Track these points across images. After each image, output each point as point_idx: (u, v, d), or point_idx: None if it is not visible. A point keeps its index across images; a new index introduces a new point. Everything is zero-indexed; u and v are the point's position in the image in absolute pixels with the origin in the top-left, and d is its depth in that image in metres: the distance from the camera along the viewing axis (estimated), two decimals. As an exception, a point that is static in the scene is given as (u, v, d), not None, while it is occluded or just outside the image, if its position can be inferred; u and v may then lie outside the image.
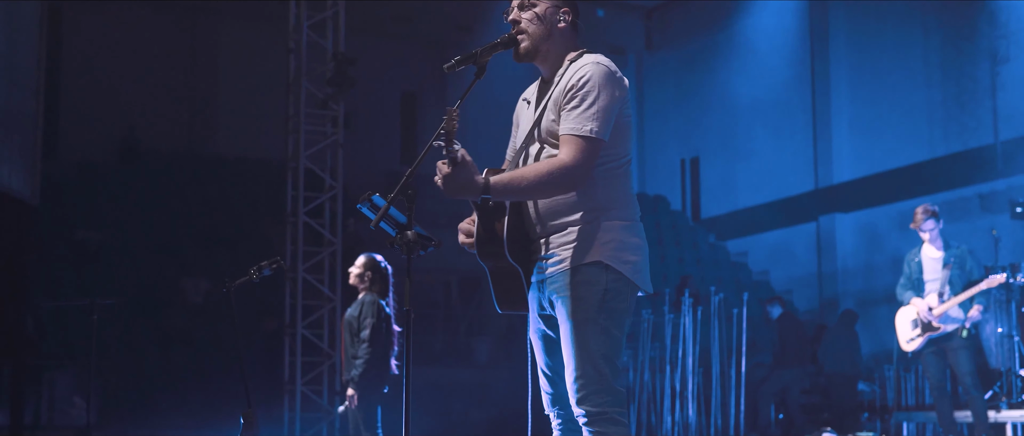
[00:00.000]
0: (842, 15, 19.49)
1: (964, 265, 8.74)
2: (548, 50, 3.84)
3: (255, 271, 6.06)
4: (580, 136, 3.61)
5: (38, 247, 14.89)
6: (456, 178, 3.50)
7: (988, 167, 16.43)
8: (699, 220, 22.54)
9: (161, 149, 19.05)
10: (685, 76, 22.54)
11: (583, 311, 3.63)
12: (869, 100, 18.88)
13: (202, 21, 20.14)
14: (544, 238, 3.74)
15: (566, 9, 3.88)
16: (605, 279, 3.65)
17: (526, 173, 3.61)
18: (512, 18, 3.85)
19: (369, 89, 18.91)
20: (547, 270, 3.72)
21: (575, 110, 3.63)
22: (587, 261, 3.65)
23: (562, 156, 3.62)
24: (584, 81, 3.66)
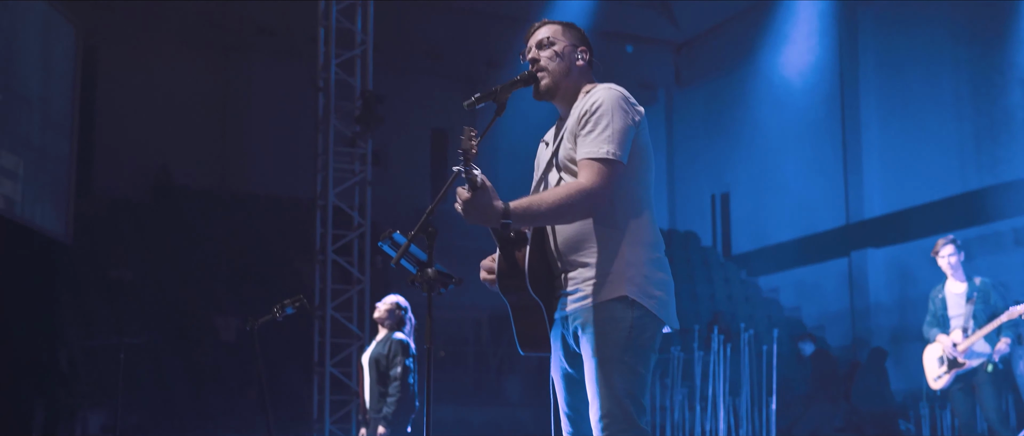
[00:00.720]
0: (871, 47, 19.44)
1: (988, 299, 8.64)
2: (567, 88, 3.85)
3: (278, 309, 6.09)
4: (597, 159, 3.59)
5: (71, 285, 15.03)
6: (476, 203, 3.46)
7: (1022, 200, 16.29)
8: (730, 256, 22.44)
9: (193, 187, 19.21)
10: (715, 111, 22.53)
11: (609, 348, 3.58)
12: (900, 134, 18.79)
13: (234, 60, 20.33)
14: (566, 272, 3.70)
15: (583, 48, 3.92)
16: (631, 315, 3.60)
17: (545, 197, 3.57)
18: (531, 57, 3.87)
19: (399, 126, 19.03)
20: (570, 306, 3.68)
21: (591, 134, 3.62)
22: (612, 297, 3.61)
23: (581, 180, 3.59)
24: (597, 105, 3.65)
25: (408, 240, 3.73)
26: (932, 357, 8.99)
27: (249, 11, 19.10)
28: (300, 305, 6.11)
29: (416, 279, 3.77)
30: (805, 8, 19.54)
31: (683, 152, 23.68)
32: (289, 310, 6.09)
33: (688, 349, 14.18)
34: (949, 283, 8.83)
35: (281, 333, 15.23)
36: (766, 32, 20.23)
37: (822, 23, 19.65)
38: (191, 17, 19.16)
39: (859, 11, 19.62)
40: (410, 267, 3.81)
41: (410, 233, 3.67)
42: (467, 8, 19.86)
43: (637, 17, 22.04)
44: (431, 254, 3.74)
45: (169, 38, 19.14)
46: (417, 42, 20.37)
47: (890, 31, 19.14)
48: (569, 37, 3.90)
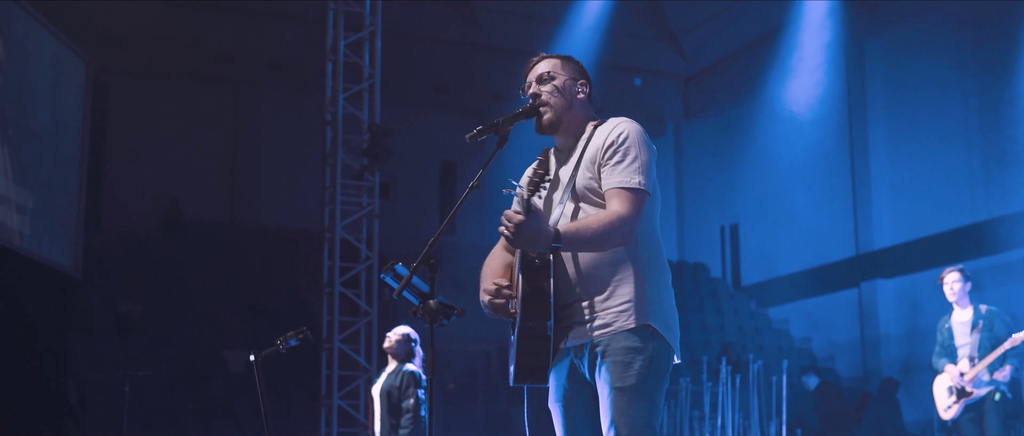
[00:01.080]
0: (879, 79, 19.48)
1: (992, 327, 8.61)
2: (569, 121, 3.88)
3: (281, 341, 6.10)
4: (629, 189, 3.63)
5: (82, 319, 15.07)
6: (530, 226, 3.47)
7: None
8: (740, 287, 22.42)
9: (204, 220, 19.27)
10: (723, 143, 22.56)
11: (630, 377, 3.60)
12: (909, 164, 18.79)
13: (245, 94, 20.44)
14: (583, 301, 3.70)
15: (583, 81, 3.95)
16: (652, 345, 3.65)
17: (590, 223, 3.58)
18: (532, 92, 3.89)
19: (409, 159, 19.10)
20: (589, 334, 3.68)
21: (620, 164, 3.66)
22: (636, 325, 3.64)
23: (616, 208, 3.62)
24: (624, 137, 3.70)
25: (410, 272, 3.75)
26: (942, 387, 8.97)
27: (260, 46, 19.24)
28: (303, 337, 6.13)
29: (418, 310, 3.78)
30: (812, 40, 19.59)
31: (692, 184, 23.69)
32: (293, 342, 6.10)
33: (697, 380, 14.15)
34: (955, 312, 8.82)
35: (289, 365, 15.29)
36: (774, 64, 20.27)
37: (829, 54, 19.69)
38: (202, 53, 19.30)
39: (867, 42, 19.66)
40: (412, 298, 3.82)
41: (412, 265, 3.68)
42: (474, 43, 19.97)
43: (645, 50, 22.12)
44: (433, 285, 3.75)
45: (180, 73, 19.28)
46: (425, 76, 20.47)
47: (898, 62, 19.17)
48: (568, 71, 3.94)
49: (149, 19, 18.18)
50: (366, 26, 12.60)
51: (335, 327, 11.94)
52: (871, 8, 19.46)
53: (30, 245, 11.42)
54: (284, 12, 18.37)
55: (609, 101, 22.02)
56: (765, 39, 20.32)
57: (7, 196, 10.85)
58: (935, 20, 18.29)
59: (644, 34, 21.74)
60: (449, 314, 3.79)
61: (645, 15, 21.22)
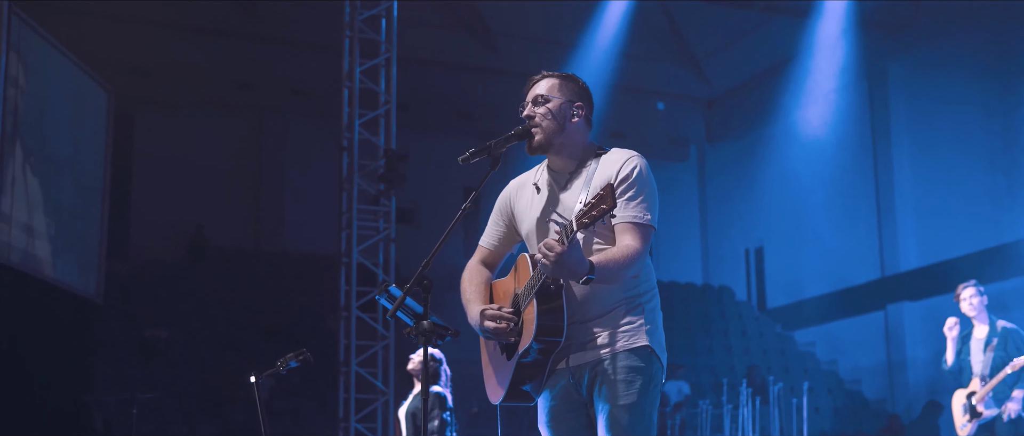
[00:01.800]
0: (902, 101, 19.43)
1: (1006, 346, 8.51)
2: (561, 143, 3.91)
3: (282, 363, 6.16)
4: (642, 224, 3.73)
5: (106, 344, 15.21)
6: (569, 257, 3.52)
7: (1059, 252, 16.15)
8: (765, 310, 22.34)
9: (228, 246, 19.42)
10: (747, 165, 22.52)
11: (630, 396, 3.69)
12: (933, 186, 18.71)
13: (267, 121, 20.62)
14: (588, 322, 3.77)
15: (580, 104, 3.96)
16: (652, 365, 3.75)
17: (616, 257, 3.68)
18: (526, 113, 3.94)
19: (432, 185, 19.20)
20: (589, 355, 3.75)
21: (633, 201, 3.75)
22: (636, 346, 3.74)
23: (631, 243, 3.71)
24: (637, 172, 3.79)
25: (403, 293, 3.80)
26: (957, 405, 8.89)
27: (282, 74, 19.41)
28: (303, 359, 6.18)
29: (412, 331, 3.83)
30: (834, 62, 19.56)
31: (716, 207, 23.66)
32: (293, 364, 6.15)
33: (718, 403, 14.11)
34: (975, 328, 8.74)
35: (307, 389, 15.36)
36: (796, 86, 20.26)
37: (852, 77, 19.66)
38: (225, 81, 19.52)
39: (889, 65, 19.63)
40: (407, 319, 3.87)
41: (406, 286, 3.73)
42: (493, 68, 20.08)
43: (668, 74, 22.16)
44: (427, 306, 3.79)
45: (204, 101, 19.48)
46: (446, 102, 20.61)
47: (920, 84, 19.13)
48: (565, 92, 3.96)
49: (173, 49, 18.43)
50: (381, 53, 12.71)
51: (352, 351, 11.99)
52: (893, 31, 19.44)
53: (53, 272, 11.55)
54: (305, 39, 18.56)
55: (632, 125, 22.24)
56: (787, 62, 20.30)
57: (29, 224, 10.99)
58: (957, 42, 18.24)
59: (666, 58, 21.77)
60: (443, 335, 3.85)
61: (666, 39, 21.26)
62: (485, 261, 4.19)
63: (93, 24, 16.95)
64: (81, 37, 15.10)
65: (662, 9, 20.08)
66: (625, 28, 19.16)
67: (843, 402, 18.84)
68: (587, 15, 19.04)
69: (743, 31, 20.37)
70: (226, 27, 18.97)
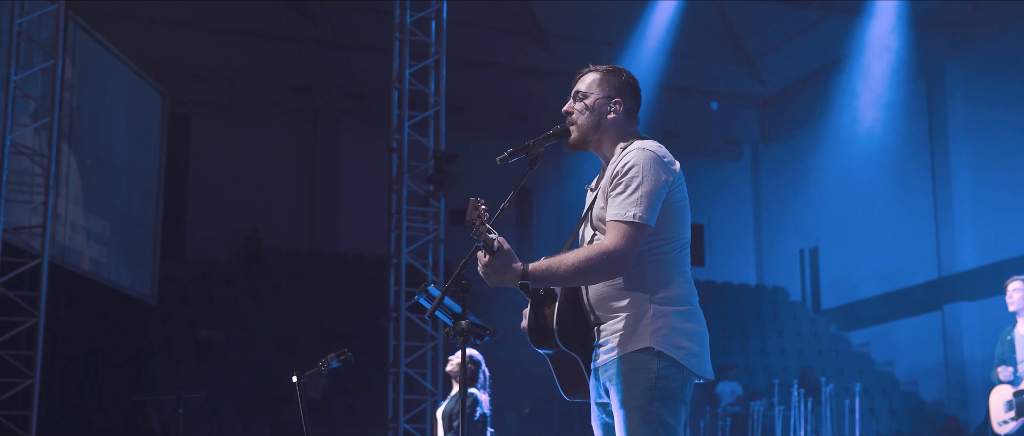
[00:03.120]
0: (960, 97, 19.18)
1: None
2: (599, 140, 3.87)
3: (323, 363, 6.21)
4: (623, 221, 3.61)
5: (163, 346, 15.42)
6: (495, 266, 3.55)
7: (1119, 250, 15.86)
8: (819, 310, 22.14)
9: (283, 248, 19.60)
10: (801, 165, 22.34)
11: (634, 399, 3.61)
12: (992, 184, 18.44)
13: (323, 124, 20.79)
14: (598, 326, 3.75)
15: (618, 100, 3.89)
16: (656, 366, 3.62)
17: (565, 259, 3.62)
18: (565, 109, 3.93)
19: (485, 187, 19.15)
20: (601, 358, 3.72)
21: (620, 196, 3.64)
22: (637, 348, 3.64)
23: (605, 241, 3.63)
24: (628, 167, 3.67)
25: (442, 292, 3.80)
26: (999, 400, 8.65)
27: (336, 77, 19.55)
28: (345, 359, 6.22)
29: (450, 331, 3.83)
30: (890, 60, 19.35)
31: (770, 207, 23.48)
32: (334, 363, 6.20)
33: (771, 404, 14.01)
34: (1019, 324, 8.55)
35: (362, 389, 15.45)
36: (851, 85, 20.07)
37: (908, 75, 19.43)
38: (281, 85, 19.71)
39: (947, 62, 19.38)
40: (446, 319, 3.88)
41: (445, 285, 3.74)
42: (548, 69, 20.09)
43: (722, 73, 22.04)
44: (465, 306, 3.79)
45: (259, 105, 19.69)
46: (501, 104, 20.64)
47: (979, 82, 18.88)
48: (604, 88, 3.91)
49: (228, 53, 18.66)
50: (431, 54, 12.75)
51: (401, 351, 12.02)
52: (951, 28, 19.20)
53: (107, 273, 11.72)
54: (358, 43, 18.66)
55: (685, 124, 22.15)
56: (842, 60, 20.11)
57: (85, 226, 11.17)
58: (1017, 39, 17.99)
59: (719, 57, 21.66)
60: (481, 335, 3.83)
61: (720, 38, 21.15)
62: None
63: (150, 29, 17.21)
64: (138, 42, 15.34)
65: (716, 8, 19.99)
66: (677, 27, 19.09)
67: (899, 404, 18.62)
68: (640, 15, 19.00)
69: (797, 29, 20.19)
70: (281, 31, 19.17)
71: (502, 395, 8.14)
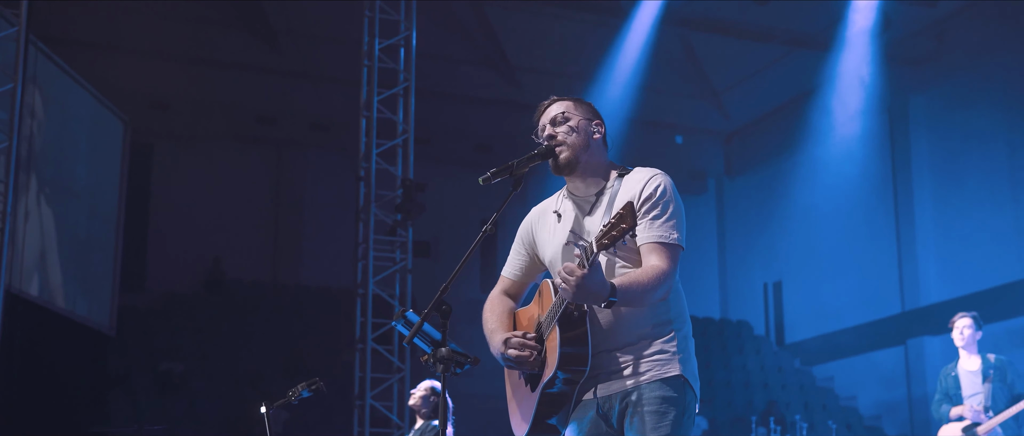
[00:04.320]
0: (924, 134, 19.31)
1: (1005, 377, 8.26)
2: (586, 161, 3.79)
3: (293, 392, 6.05)
4: (670, 244, 3.58)
5: (122, 377, 15.16)
6: (591, 281, 3.37)
7: (1081, 287, 15.97)
8: (783, 344, 22.14)
9: (245, 279, 19.40)
10: (766, 199, 22.39)
11: (664, 426, 3.53)
12: (955, 220, 18.54)
13: (286, 154, 20.65)
14: (617, 351, 3.62)
15: (598, 121, 3.87)
16: (686, 396, 3.60)
17: (640, 278, 3.51)
18: (548, 134, 3.82)
19: (450, 218, 19.14)
20: (619, 385, 3.60)
21: (658, 219, 3.60)
22: (670, 375, 3.58)
23: (658, 263, 3.55)
24: (661, 190, 3.64)
25: (421, 318, 3.67)
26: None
27: (301, 107, 19.44)
28: (316, 388, 6.06)
29: (429, 358, 3.68)
30: (854, 96, 19.44)
31: (734, 241, 23.51)
32: (305, 393, 6.04)
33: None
34: (963, 360, 8.48)
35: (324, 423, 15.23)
36: (815, 120, 20.15)
37: (872, 110, 19.54)
38: (245, 115, 19.56)
39: (911, 97, 19.52)
40: (424, 346, 3.74)
41: (424, 311, 3.61)
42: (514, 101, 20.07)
43: (686, 107, 22.10)
44: (445, 333, 3.66)
45: (223, 135, 19.53)
46: (467, 136, 20.59)
47: (943, 118, 19.01)
48: (582, 112, 3.86)
49: (193, 82, 18.47)
50: (400, 82, 12.67)
51: (367, 383, 11.87)
52: (915, 65, 19.34)
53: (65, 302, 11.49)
54: (324, 73, 18.60)
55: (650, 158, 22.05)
56: (806, 95, 20.21)
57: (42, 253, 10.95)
58: (980, 76, 18.13)
59: (684, 91, 21.71)
60: (462, 362, 3.68)
61: (685, 72, 21.20)
62: (507, 291, 4.07)
63: (112, 57, 17.02)
64: (100, 70, 15.15)
65: (682, 43, 20.04)
66: (644, 61, 19.10)
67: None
68: (606, 48, 19.01)
69: (762, 64, 20.28)
70: (246, 61, 19.02)
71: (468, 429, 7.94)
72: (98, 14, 16.62)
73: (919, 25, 17.92)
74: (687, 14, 18.07)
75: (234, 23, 18.20)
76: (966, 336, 8.39)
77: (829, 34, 18.36)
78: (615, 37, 18.70)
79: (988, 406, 8.20)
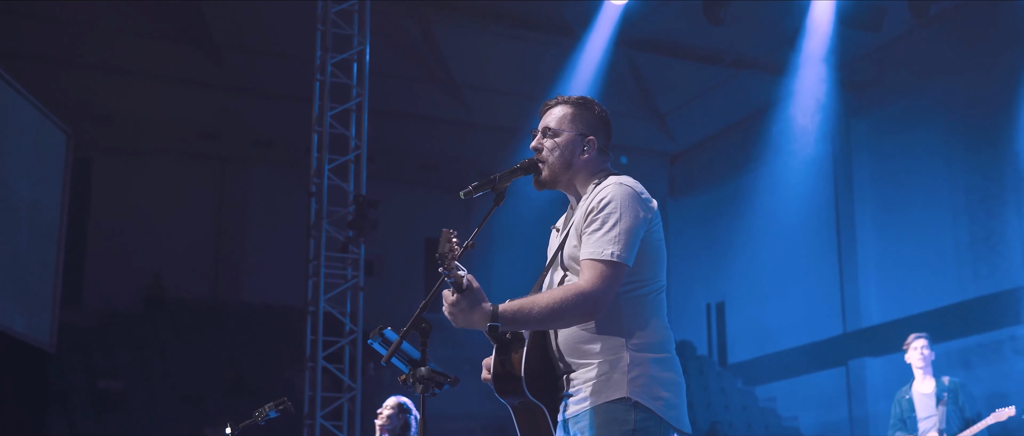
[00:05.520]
0: (866, 158, 19.51)
1: (957, 400, 8.32)
2: (569, 180, 3.67)
3: (260, 413, 5.87)
4: (600, 260, 3.38)
5: (60, 396, 14.83)
6: (462, 305, 3.30)
7: (1020, 309, 16.16)
8: (726, 365, 22.23)
9: (186, 297, 19.11)
10: (710, 221, 22.50)
11: None
12: (897, 243, 18.74)
13: (230, 171, 20.40)
14: (567, 374, 3.51)
15: (591, 138, 3.70)
16: (633, 417, 3.40)
17: (538, 300, 3.37)
18: (534, 145, 3.71)
19: (394, 236, 18.98)
20: (571, 408, 3.49)
21: (596, 233, 3.42)
22: (613, 398, 3.41)
23: (580, 281, 3.40)
24: (605, 203, 3.47)
25: (400, 336, 3.55)
26: None
27: (246, 123, 19.22)
28: (284, 408, 5.90)
29: (408, 378, 3.57)
30: (799, 120, 19.60)
31: (678, 262, 23.54)
32: (272, 414, 5.87)
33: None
34: (917, 383, 8.53)
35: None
36: (759, 143, 20.27)
37: (816, 134, 19.69)
38: (188, 130, 19.28)
39: (853, 122, 19.72)
40: (401, 366, 3.62)
41: (402, 329, 3.49)
42: (461, 121, 20.00)
43: (631, 129, 22.12)
44: (424, 352, 3.55)
45: (165, 150, 19.24)
46: (412, 154, 20.46)
47: (884, 142, 19.20)
48: (577, 125, 3.70)
49: (135, 96, 18.15)
50: (353, 97, 12.55)
51: (318, 403, 11.68)
52: (857, 89, 19.55)
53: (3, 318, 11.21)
54: (270, 89, 18.39)
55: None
56: (751, 118, 20.35)
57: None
58: (922, 100, 18.36)
59: (630, 112, 21.75)
60: (442, 382, 3.57)
61: (631, 94, 21.25)
62: None
63: (53, 71, 16.71)
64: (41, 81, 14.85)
65: (628, 64, 20.08)
66: (592, 83, 19.11)
67: (805, 459, 18.73)
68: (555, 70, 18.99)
69: (708, 87, 20.38)
70: (189, 76, 18.75)
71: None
72: (39, 26, 16.31)
73: (862, 50, 18.10)
74: (635, 35, 18.10)
75: (178, 37, 17.95)
76: (925, 356, 8.45)
77: (776, 57, 18.50)
78: (565, 58, 18.70)
79: (942, 429, 8.24)
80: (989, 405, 8.56)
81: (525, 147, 3.90)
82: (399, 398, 7.56)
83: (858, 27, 16.56)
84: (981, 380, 8.78)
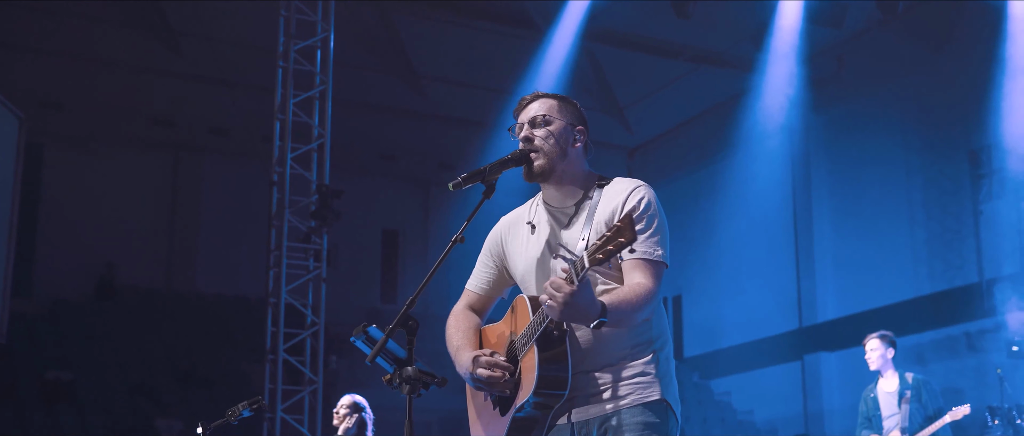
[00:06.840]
0: (824, 154, 19.60)
1: (920, 397, 8.33)
2: (563, 171, 3.56)
3: (233, 412, 5.70)
4: (653, 260, 3.38)
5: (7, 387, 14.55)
6: (582, 297, 3.12)
7: (975, 305, 16.28)
8: (682, 359, 22.26)
9: (138, 286, 18.82)
10: (667, 214, 22.46)
11: None
12: (853, 239, 18.85)
13: (185, 160, 20.13)
14: (595, 372, 3.42)
15: (581, 128, 3.64)
16: (669, 422, 3.40)
17: (628, 297, 3.28)
18: (524, 135, 3.58)
19: (351, 226, 18.78)
20: (607, 406, 3.39)
21: (643, 234, 3.37)
22: (652, 399, 3.38)
23: (643, 281, 3.34)
24: (646, 203, 3.44)
25: (385, 335, 3.41)
26: None
27: (202, 112, 18.95)
28: (257, 407, 5.75)
29: (393, 379, 3.43)
30: (757, 114, 19.62)
31: (636, 255, 23.57)
32: (246, 413, 5.71)
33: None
34: (881, 381, 8.55)
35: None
36: (719, 138, 20.28)
37: (774, 129, 19.72)
38: (141, 117, 18.98)
39: (811, 118, 19.77)
40: (386, 365, 3.47)
41: (388, 327, 3.35)
42: (421, 112, 19.84)
43: (591, 121, 21.76)
44: (411, 350, 3.42)
45: (118, 138, 18.94)
46: (371, 144, 20.27)
47: (842, 138, 19.31)
48: (565, 116, 3.62)
49: (87, 82, 17.82)
50: (316, 85, 12.34)
51: (278, 396, 11.49)
52: (815, 85, 19.61)
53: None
54: (227, 77, 18.12)
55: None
56: (710, 112, 20.37)
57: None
58: (880, 98, 18.47)
59: (588, 105, 21.62)
60: (429, 382, 3.43)
61: (589, 86, 21.18)
62: (473, 306, 3.81)
63: (4, 54, 16.37)
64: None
65: (588, 56, 20.00)
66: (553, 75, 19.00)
67: (760, 453, 18.81)
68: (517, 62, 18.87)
69: (666, 81, 20.36)
70: (144, 63, 18.44)
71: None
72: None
73: (822, 46, 18.14)
74: (596, 27, 18.02)
75: (134, 23, 17.64)
76: (876, 358, 8.46)
77: (737, 52, 18.51)
78: (527, 51, 18.58)
79: (904, 427, 8.24)
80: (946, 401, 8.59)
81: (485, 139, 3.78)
82: (352, 396, 7.46)
83: (820, 23, 16.59)
84: (936, 375, 8.82)
